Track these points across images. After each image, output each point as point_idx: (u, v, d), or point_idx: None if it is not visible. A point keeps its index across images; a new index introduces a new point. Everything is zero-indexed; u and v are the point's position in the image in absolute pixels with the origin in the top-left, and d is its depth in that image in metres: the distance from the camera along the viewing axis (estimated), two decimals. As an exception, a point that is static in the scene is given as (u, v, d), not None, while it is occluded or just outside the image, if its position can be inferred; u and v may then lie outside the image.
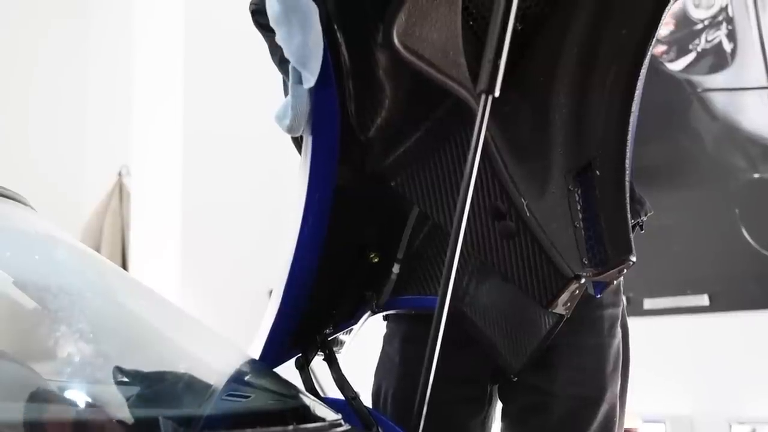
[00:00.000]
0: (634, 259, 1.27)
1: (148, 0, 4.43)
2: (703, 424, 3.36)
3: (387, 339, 1.68)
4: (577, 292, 1.32)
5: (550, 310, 1.33)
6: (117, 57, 4.97)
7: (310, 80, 1.24)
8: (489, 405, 1.62)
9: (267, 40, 1.52)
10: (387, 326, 1.68)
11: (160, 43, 4.34)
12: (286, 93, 1.38)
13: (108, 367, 1.33)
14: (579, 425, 1.53)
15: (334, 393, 1.39)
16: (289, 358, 1.45)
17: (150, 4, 4.40)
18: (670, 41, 3.66)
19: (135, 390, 1.27)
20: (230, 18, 1.71)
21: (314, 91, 1.26)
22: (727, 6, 3.57)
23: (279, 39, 1.26)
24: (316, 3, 1.21)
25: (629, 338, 1.62)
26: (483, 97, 1.04)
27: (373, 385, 1.67)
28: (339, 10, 1.23)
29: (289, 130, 1.31)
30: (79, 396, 1.26)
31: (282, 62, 1.46)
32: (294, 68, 1.26)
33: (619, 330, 1.58)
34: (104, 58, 5.23)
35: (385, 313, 1.58)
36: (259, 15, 1.52)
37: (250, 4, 1.54)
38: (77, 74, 5.21)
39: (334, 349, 1.47)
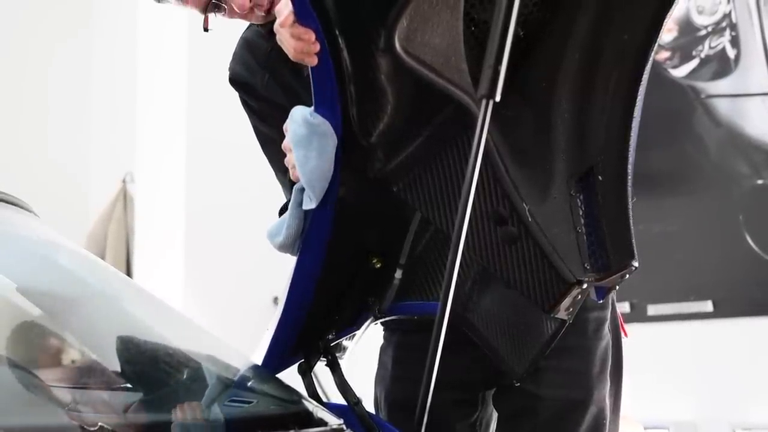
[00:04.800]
0: (636, 264, 1.27)
1: (152, 10, 4.43)
2: (707, 430, 3.35)
3: (382, 349, 1.69)
4: (579, 297, 1.31)
5: (551, 315, 1.33)
6: (121, 65, 4.98)
7: (312, 202, 1.30)
8: (481, 409, 1.62)
9: (252, 120, 1.57)
10: (383, 338, 1.69)
11: (163, 52, 4.35)
12: (286, 193, 1.43)
13: (111, 374, 1.34)
14: (567, 428, 1.53)
15: (338, 399, 1.39)
16: (292, 364, 1.45)
17: (154, 14, 4.41)
18: (673, 47, 3.66)
19: (138, 395, 1.28)
20: (233, 27, 1.72)
21: (313, 213, 1.32)
22: (730, 12, 3.57)
23: (293, 159, 1.31)
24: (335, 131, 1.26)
25: (621, 341, 1.61)
26: (484, 102, 1.04)
27: (373, 394, 1.67)
28: (340, 14, 1.24)
29: (280, 247, 1.38)
30: (82, 402, 1.26)
31: (266, 146, 1.56)
32: (298, 189, 1.32)
33: (606, 332, 1.58)
34: (108, 66, 5.23)
35: (383, 320, 1.59)
36: (239, 87, 1.58)
37: (229, 66, 1.58)
38: (82, 82, 5.21)
39: (337, 354, 1.47)
